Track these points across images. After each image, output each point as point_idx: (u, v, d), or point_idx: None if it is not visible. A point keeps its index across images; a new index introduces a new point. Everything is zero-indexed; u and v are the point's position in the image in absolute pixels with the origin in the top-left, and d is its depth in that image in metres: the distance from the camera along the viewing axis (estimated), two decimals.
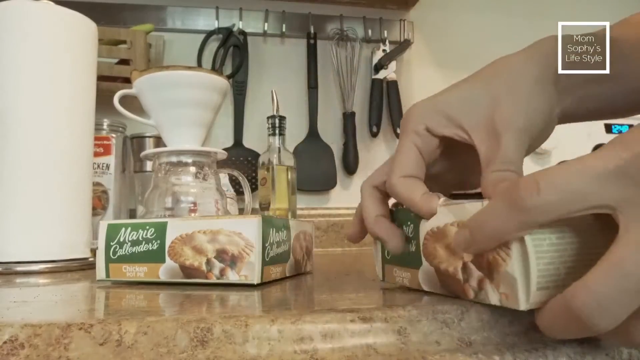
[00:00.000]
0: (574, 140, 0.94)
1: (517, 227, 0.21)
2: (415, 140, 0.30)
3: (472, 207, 0.24)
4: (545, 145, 0.87)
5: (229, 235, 0.34)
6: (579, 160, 0.20)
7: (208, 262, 0.34)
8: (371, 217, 0.31)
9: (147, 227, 0.36)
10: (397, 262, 0.31)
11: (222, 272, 0.33)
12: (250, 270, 0.33)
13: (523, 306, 0.22)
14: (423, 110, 0.31)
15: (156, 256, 0.35)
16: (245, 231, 0.33)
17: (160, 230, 0.35)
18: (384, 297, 0.30)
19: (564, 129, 0.36)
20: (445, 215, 0.26)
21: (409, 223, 0.30)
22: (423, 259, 0.28)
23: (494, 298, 0.23)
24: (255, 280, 0.33)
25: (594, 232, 0.22)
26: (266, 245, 0.34)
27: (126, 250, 0.36)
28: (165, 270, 0.35)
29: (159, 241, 0.35)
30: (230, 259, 0.33)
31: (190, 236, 0.35)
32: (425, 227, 0.28)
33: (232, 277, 0.33)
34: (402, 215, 0.31)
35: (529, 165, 0.30)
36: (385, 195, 0.32)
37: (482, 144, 0.29)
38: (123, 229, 0.37)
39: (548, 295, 0.21)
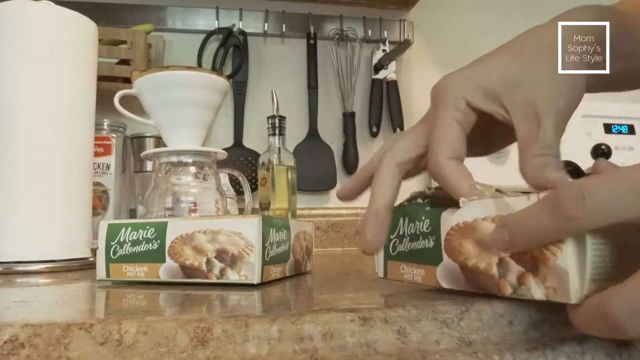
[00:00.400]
0: (574, 140, 0.94)
1: (560, 234, 0.21)
2: (456, 116, 0.29)
3: (515, 203, 0.23)
4: None
5: (229, 235, 0.34)
6: (624, 171, 0.21)
7: (208, 262, 0.34)
8: (378, 203, 0.29)
9: (148, 227, 0.36)
10: (407, 258, 0.30)
11: (222, 272, 0.34)
12: (250, 270, 0.33)
13: (575, 299, 0.21)
14: (461, 83, 0.29)
15: (156, 256, 0.35)
16: (245, 231, 0.33)
17: (161, 230, 0.35)
18: (384, 297, 0.30)
19: None
20: (475, 209, 0.25)
21: (423, 218, 0.29)
22: (444, 255, 0.27)
23: (538, 293, 0.23)
24: (255, 280, 0.33)
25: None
26: (266, 245, 0.34)
27: (126, 250, 0.36)
28: (165, 270, 0.35)
29: (159, 241, 0.35)
30: (230, 259, 0.33)
31: (190, 236, 0.35)
32: (449, 222, 0.27)
33: (232, 277, 0.33)
34: (414, 210, 0.30)
35: None
36: (404, 176, 0.31)
37: (520, 125, 0.28)
38: (123, 229, 0.37)
39: (596, 289, 0.21)
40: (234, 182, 0.84)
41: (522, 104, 0.28)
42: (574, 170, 0.86)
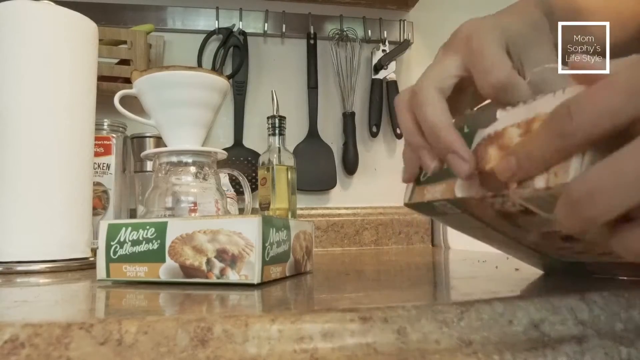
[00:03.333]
0: None
1: (562, 152, 0.22)
2: (503, 49, 0.30)
3: (542, 104, 0.24)
4: None
5: (229, 235, 0.34)
6: (609, 77, 0.21)
7: (208, 261, 0.34)
8: (447, 124, 0.28)
9: (148, 227, 0.36)
10: (433, 180, 0.31)
11: (222, 272, 0.34)
12: (250, 270, 0.33)
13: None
14: (498, 29, 0.32)
15: (156, 256, 0.35)
16: (245, 231, 0.33)
17: (161, 230, 0.35)
18: (383, 296, 0.30)
19: None
20: (507, 118, 0.26)
21: None
22: None
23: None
24: (255, 280, 0.33)
25: None
26: (266, 245, 0.34)
27: (126, 250, 0.36)
28: (165, 270, 0.35)
29: (159, 241, 0.35)
30: (230, 259, 0.33)
31: (190, 236, 0.35)
32: (481, 134, 0.28)
33: (232, 276, 0.33)
34: None
35: None
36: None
37: None
38: (123, 229, 0.37)
39: None
40: (234, 182, 0.84)
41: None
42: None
